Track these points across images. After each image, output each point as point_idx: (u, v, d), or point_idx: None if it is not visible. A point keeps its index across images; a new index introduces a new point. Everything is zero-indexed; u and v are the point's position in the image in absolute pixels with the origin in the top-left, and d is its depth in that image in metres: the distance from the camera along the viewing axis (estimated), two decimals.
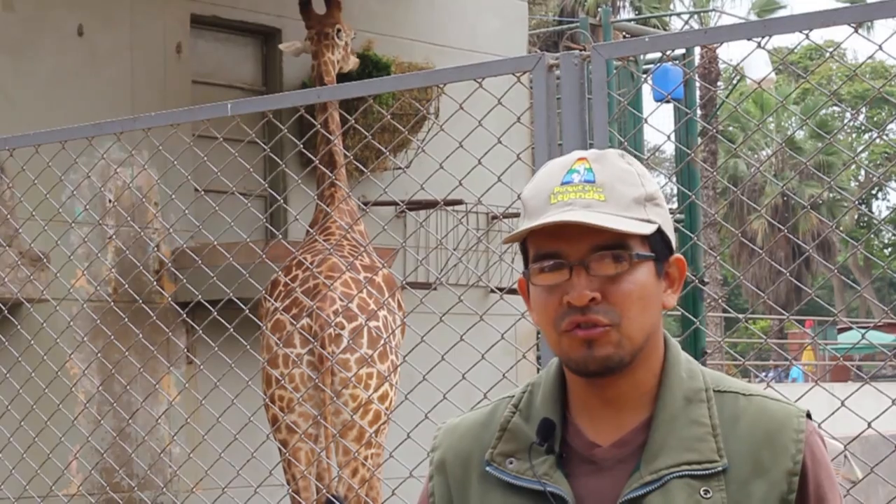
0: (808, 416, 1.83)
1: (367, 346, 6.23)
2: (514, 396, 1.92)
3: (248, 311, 4.78)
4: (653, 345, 1.83)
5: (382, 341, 6.27)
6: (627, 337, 1.78)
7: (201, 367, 5.32)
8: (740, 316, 4.50)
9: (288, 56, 9.14)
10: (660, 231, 1.82)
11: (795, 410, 1.82)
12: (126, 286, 5.35)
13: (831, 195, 37.28)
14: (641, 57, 10.69)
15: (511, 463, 1.84)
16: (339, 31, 7.36)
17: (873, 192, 42.50)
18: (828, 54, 4.11)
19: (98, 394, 6.75)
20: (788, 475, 1.77)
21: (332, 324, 6.12)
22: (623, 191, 1.79)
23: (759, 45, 3.55)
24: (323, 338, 6.13)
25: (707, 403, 1.82)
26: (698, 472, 1.76)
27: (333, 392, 6.09)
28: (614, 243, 1.77)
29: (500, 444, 1.86)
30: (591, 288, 1.77)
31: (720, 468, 1.77)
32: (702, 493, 1.75)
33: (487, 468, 1.86)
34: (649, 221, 1.80)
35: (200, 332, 5.15)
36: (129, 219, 6.56)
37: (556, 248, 1.79)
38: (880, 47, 3.47)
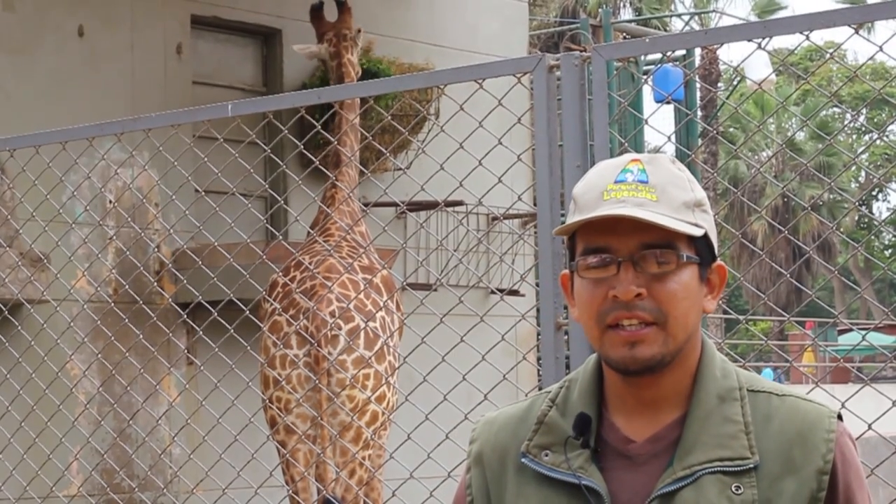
0: (840, 417, 1.86)
1: (364, 347, 6.23)
2: (551, 391, 1.96)
3: (248, 311, 4.78)
4: (691, 346, 1.87)
5: (380, 342, 6.27)
6: (672, 336, 1.82)
7: (202, 367, 5.32)
8: (741, 317, 4.49)
9: (288, 57, 9.15)
10: (706, 237, 1.86)
11: (827, 411, 1.86)
12: (126, 287, 5.34)
13: (832, 196, 37.28)
14: (642, 58, 10.71)
15: (547, 455, 1.88)
16: (358, 31, 7.44)
17: (874, 193, 42.50)
18: (828, 55, 4.11)
19: (98, 394, 6.75)
20: (819, 474, 1.80)
21: (329, 325, 6.12)
22: (674, 193, 1.84)
23: (759, 46, 3.55)
24: (319, 339, 6.13)
25: (740, 402, 1.85)
26: (730, 469, 1.80)
27: (330, 393, 6.08)
28: (663, 242, 1.82)
29: (537, 437, 1.90)
30: (637, 284, 1.81)
31: (752, 465, 1.80)
32: (733, 489, 1.79)
33: (523, 460, 1.90)
34: (697, 226, 1.84)
35: (201, 332, 5.15)
36: (129, 219, 6.56)
37: (606, 243, 1.83)
38: (881, 48, 3.47)
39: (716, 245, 1.90)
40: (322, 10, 7.58)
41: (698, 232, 1.83)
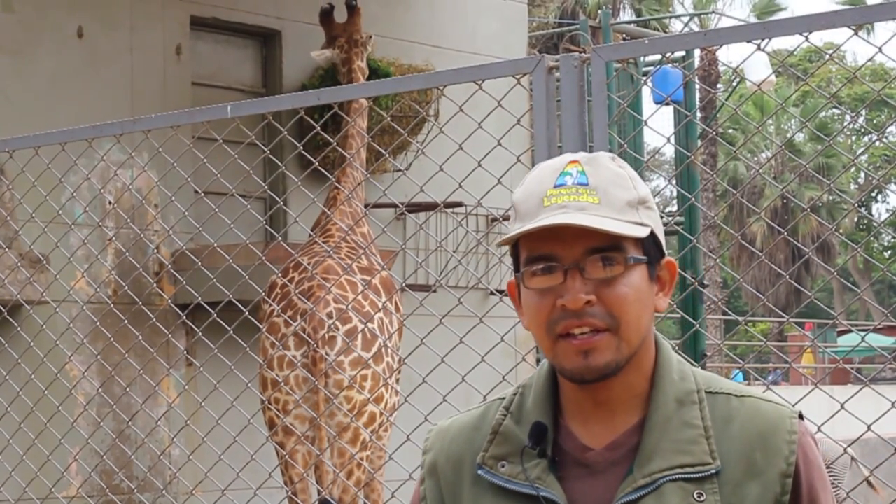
0: (801, 416, 1.83)
1: (361, 349, 6.23)
2: (504, 399, 1.91)
3: (247, 313, 4.78)
4: (645, 348, 1.83)
5: (378, 343, 6.27)
6: (625, 341, 1.77)
7: (201, 368, 5.31)
8: (740, 318, 4.48)
9: (288, 58, 9.16)
10: (652, 234, 1.82)
11: (788, 411, 1.82)
12: (126, 288, 5.35)
13: (831, 198, 37.29)
14: (641, 59, 10.70)
15: (503, 466, 1.83)
16: (370, 37, 7.47)
17: (873, 194, 42.52)
18: (827, 56, 4.10)
19: (98, 395, 6.75)
20: (782, 477, 1.77)
21: (327, 326, 6.12)
22: (616, 194, 1.79)
23: (758, 48, 3.55)
24: (317, 340, 6.14)
25: (699, 405, 1.81)
26: (692, 475, 1.76)
27: (328, 394, 6.09)
28: (609, 246, 1.76)
29: (492, 448, 1.85)
30: (585, 291, 1.76)
31: (713, 470, 1.76)
32: (695, 496, 1.75)
33: (479, 472, 1.85)
34: (642, 224, 1.80)
35: (200, 334, 5.14)
36: (128, 220, 6.54)
37: (550, 251, 1.78)
38: (880, 49, 3.47)
39: (663, 241, 1.86)
40: (332, 13, 7.59)
41: (643, 232, 1.78)
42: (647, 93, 11.35)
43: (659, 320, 2.37)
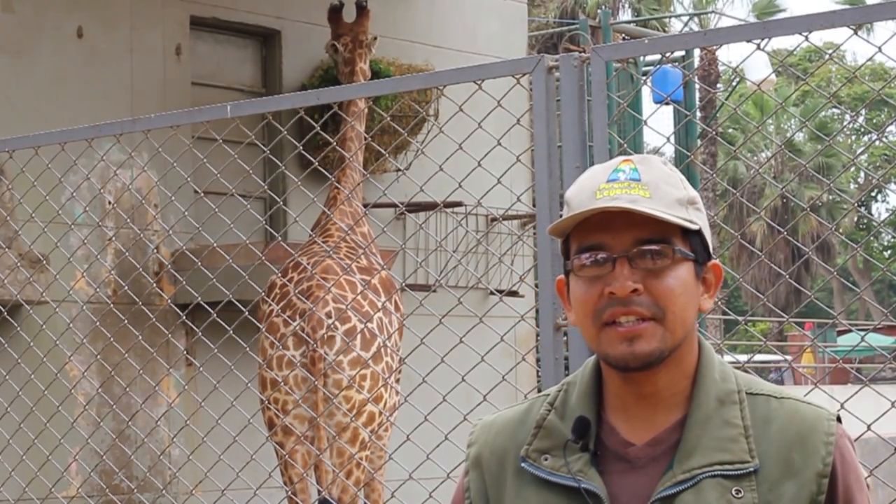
0: (839, 419, 1.86)
1: (361, 348, 6.23)
2: (549, 395, 1.95)
3: (247, 312, 4.78)
4: (689, 344, 1.86)
5: (377, 343, 6.27)
6: (670, 331, 1.81)
7: (201, 368, 5.31)
8: (740, 318, 4.48)
9: (288, 58, 9.16)
10: (700, 235, 1.86)
11: (826, 413, 1.86)
12: (126, 288, 5.35)
13: (831, 197, 37.30)
14: (641, 59, 10.71)
15: (546, 459, 1.87)
16: (374, 39, 7.45)
17: (873, 194, 42.52)
18: (827, 56, 4.09)
19: (98, 395, 6.75)
20: (818, 477, 1.80)
21: (326, 326, 6.12)
22: (667, 190, 1.84)
23: (758, 47, 3.55)
24: (316, 340, 6.13)
25: (739, 405, 1.85)
26: (730, 472, 1.79)
27: (327, 394, 6.08)
28: (658, 237, 1.81)
29: (536, 441, 1.89)
30: (633, 279, 1.80)
31: (752, 468, 1.80)
32: (733, 492, 1.78)
33: (523, 464, 1.89)
34: (692, 222, 1.84)
35: (200, 333, 5.14)
36: (128, 220, 6.55)
37: (600, 240, 1.82)
38: (880, 49, 3.47)
39: (711, 245, 1.90)
40: (341, 11, 7.57)
41: (693, 226, 1.83)
42: (646, 92, 11.36)
43: None
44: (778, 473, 1.80)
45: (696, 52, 12.29)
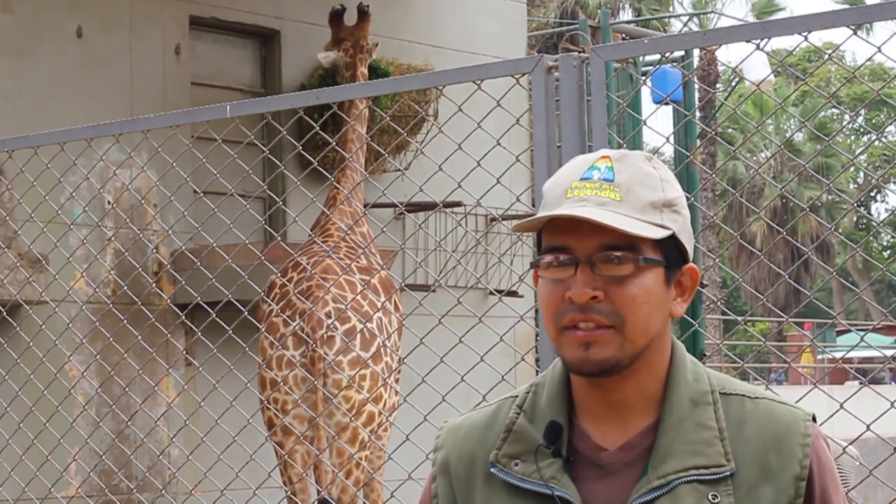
0: (814, 419, 1.83)
1: (360, 348, 6.23)
2: (517, 397, 1.90)
3: (247, 312, 4.78)
4: (657, 350, 1.82)
5: (377, 343, 6.27)
6: (630, 340, 1.76)
7: (200, 368, 5.32)
8: (739, 318, 4.48)
9: (287, 58, 9.16)
10: (674, 238, 1.81)
11: (802, 414, 1.82)
12: (125, 288, 5.35)
13: (830, 197, 37.32)
14: (640, 59, 10.71)
15: (517, 465, 1.83)
16: (375, 44, 7.45)
17: (872, 194, 42.53)
18: (827, 56, 4.10)
19: (97, 395, 6.75)
20: (796, 480, 1.77)
21: (325, 326, 6.12)
22: (640, 193, 1.78)
23: (758, 47, 3.55)
24: (315, 340, 6.14)
25: (713, 406, 1.81)
26: (706, 477, 1.76)
27: (327, 394, 6.09)
28: (624, 244, 1.76)
29: (506, 446, 1.85)
30: (594, 286, 1.76)
31: (728, 472, 1.76)
32: (710, 497, 1.75)
33: (492, 469, 1.84)
34: (663, 227, 1.79)
35: (199, 333, 5.14)
36: (127, 220, 6.55)
37: (565, 243, 1.78)
38: (879, 49, 3.48)
39: (689, 247, 1.84)
40: (343, 15, 7.56)
41: (661, 234, 1.77)
42: (646, 92, 11.35)
43: None
44: (755, 477, 1.76)
45: (696, 52, 12.28)
